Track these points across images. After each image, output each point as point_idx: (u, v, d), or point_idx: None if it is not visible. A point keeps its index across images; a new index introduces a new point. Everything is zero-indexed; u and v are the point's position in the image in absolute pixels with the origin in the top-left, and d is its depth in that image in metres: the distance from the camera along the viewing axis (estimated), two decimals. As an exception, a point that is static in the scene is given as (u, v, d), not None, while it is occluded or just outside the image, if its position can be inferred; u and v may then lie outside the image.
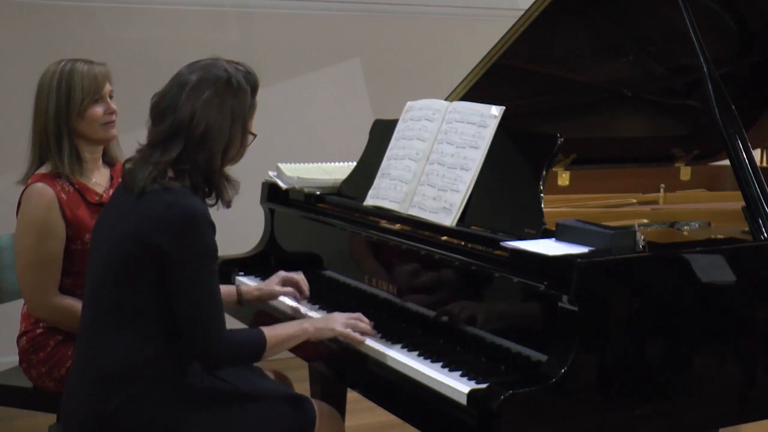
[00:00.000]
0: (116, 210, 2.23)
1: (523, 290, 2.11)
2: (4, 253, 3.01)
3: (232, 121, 2.21)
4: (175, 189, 2.14)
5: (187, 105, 2.18)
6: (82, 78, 2.63)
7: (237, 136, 2.23)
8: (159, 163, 2.17)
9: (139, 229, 2.12)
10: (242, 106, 2.24)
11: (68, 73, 2.63)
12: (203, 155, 2.19)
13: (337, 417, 2.46)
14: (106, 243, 2.19)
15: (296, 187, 2.99)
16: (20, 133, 2.78)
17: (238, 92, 2.23)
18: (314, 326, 2.34)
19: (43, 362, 2.65)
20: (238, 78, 2.24)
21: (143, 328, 2.14)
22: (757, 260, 2.28)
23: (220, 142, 2.20)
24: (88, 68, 2.65)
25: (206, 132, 2.18)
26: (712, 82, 2.49)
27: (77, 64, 2.65)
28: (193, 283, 2.12)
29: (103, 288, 2.18)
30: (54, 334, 2.65)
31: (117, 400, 2.12)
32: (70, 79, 2.62)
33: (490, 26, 3.30)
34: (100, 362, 2.15)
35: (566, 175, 3.31)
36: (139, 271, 2.12)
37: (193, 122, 2.17)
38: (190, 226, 2.12)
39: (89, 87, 2.63)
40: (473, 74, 2.96)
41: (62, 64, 2.65)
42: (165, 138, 2.19)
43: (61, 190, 2.60)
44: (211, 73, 2.22)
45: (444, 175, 2.47)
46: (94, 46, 3.99)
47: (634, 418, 2.08)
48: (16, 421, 3.67)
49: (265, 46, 4.60)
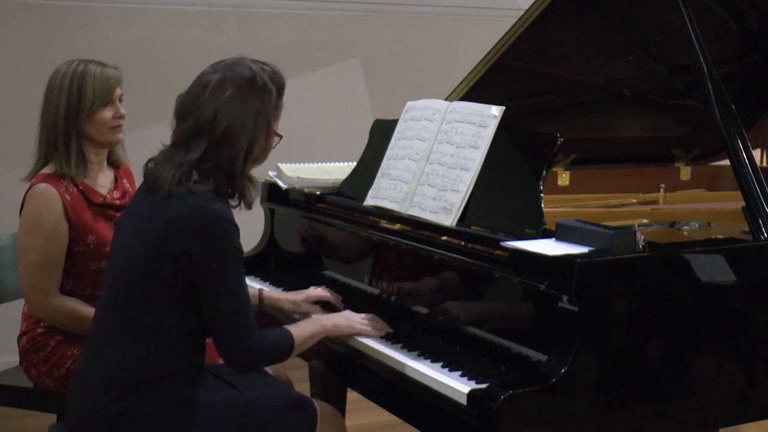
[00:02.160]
0: (139, 212, 2.21)
1: (523, 290, 2.11)
2: (4, 253, 3.01)
3: (255, 120, 2.20)
4: (199, 192, 2.13)
5: (209, 104, 2.17)
6: (94, 80, 2.61)
7: (261, 135, 2.22)
8: (183, 163, 2.16)
9: (164, 236, 2.11)
10: (266, 105, 2.22)
11: (81, 74, 2.61)
12: (226, 154, 2.17)
13: (338, 417, 2.46)
14: (129, 247, 2.18)
15: (296, 187, 2.99)
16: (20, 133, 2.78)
17: (263, 91, 2.21)
18: (333, 323, 2.37)
19: (44, 362, 2.65)
20: (263, 77, 2.22)
21: (158, 335, 2.14)
22: (757, 260, 2.28)
23: (242, 140, 2.19)
24: (100, 71, 2.63)
25: (228, 130, 2.17)
26: (712, 82, 2.49)
27: (90, 66, 2.63)
28: (221, 287, 2.12)
29: (121, 292, 2.17)
30: (54, 334, 2.65)
31: (122, 403, 2.12)
32: (82, 79, 2.60)
33: (490, 26, 3.30)
34: (110, 364, 2.15)
35: (566, 175, 3.31)
36: (162, 280, 2.12)
37: (215, 121, 2.16)
38: (216, 230, 2.11)
39: (101, 90, 2.61)
40: (473, 74, 2.96)
41: (75, 64, 2.63)
42: (188, 137, 2.18)
43: (65, 191, 2.60)
44: (235, 71, 2.21)
45: (444, 175, 2.47)
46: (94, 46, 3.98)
47: (634, 418, 2.08)
48: (16, 421, 3.67)
49: (265, 46, 4.59)
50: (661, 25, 3.02)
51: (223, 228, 2.12)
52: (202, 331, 2.21)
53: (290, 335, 2.24)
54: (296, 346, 2.25)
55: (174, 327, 2.15)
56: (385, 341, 2.35)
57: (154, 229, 2.13)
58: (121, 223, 2.30)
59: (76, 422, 2.19)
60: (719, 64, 2.65)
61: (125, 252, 2.20)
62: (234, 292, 2.14)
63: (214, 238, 2.11)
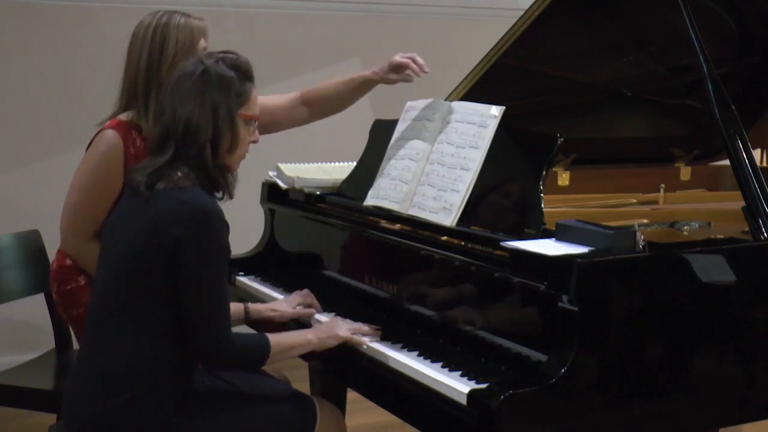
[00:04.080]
0: (127, 213, 2.23)
1: (523, 290, 2.11)
2: (4, 253, 3.01)
3: (213, 111, 2.19)
4: (187, 187, 2.15)
5: (169, 106, 2.21)
6: (178, 30, 2.57)
7: (224, 126, 2.21)
8: (154, 165, 2.18)
9: (153, 226, 2.12)
10: (225, 95, 2.21)
11: (164, 25, 2.57)
12: (192, 150, 2.18)
13: (337, 414, 2.46)
14: (118, 244, 2.19)
15: (296, 187, 2.99)
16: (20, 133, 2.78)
17: (219, 82, 2.21)
18: (317, 337, 2.33)
19: (63, 296, 2.65)
20: (218, 68, 2.22)
21: (151, 329, 2.14)
22: (757, 260, 2.28)
23: (204, 134, 2.18)
24: (185, 21, 2.60)
25: (187, 126, 2.18)
26: (712, 82, 2.49)
27: (174, 16, 2.59)
28: (202, 280, 2.12)
29: (113, 287, 2.18)
30: (78, 274, 2.64)
31: (121, 398, 2.12)
32: (165, 30, 2.57)
33: (490, 26, 3.30)
34: (106, 361, 2.15)
35: (566, 175, 3.31)
36: (152, 272, 2.12)
37: (175, 121, 2.19)
38: (205, 222, 2.12)
39: (184, 41, 2.58)
40: (473, 74, 2.96)
41: (159, 15, 2.60)
42: (158, 142, 2.21)
43: (131, 143, 2.57)
44: (187, 69, 2.23)
45: (444, 175, 2.47)
46: (94, 46, 3.99)
47: (634, 418, 2.08)
48: (16, 421, 3.67)
49: (265, 46, 4.60)
50: (661, 25, 3.02)
51: (212, 222, 2.13)
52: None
53: (267, 342, 2.22)
54: (272, 355, 2.22)
55: (166, 318, 2.14)
56: (385, 341, 2.35)
57: (142, 224, 2.14)
58: (110, 223, 2.31)
59: (76, 421, 2.19)
60: (719, 64, 2.65)
61: (115, 250, 2.20)
62: (213, 287, 2.13)
63: (201, 230, 2.11)
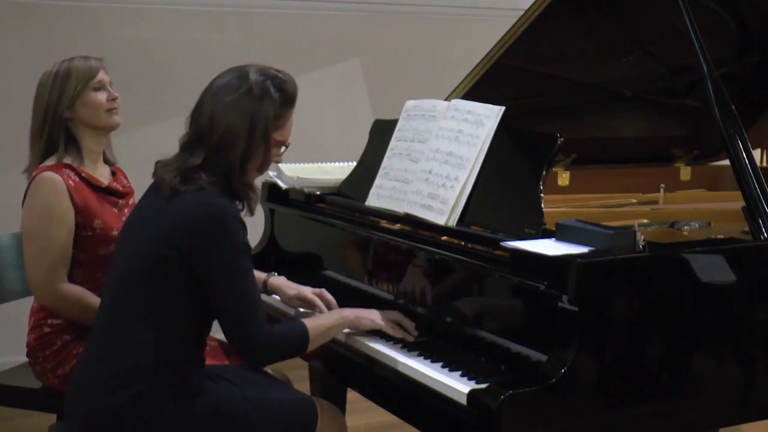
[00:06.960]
0: (147, 209, 2.23)
1: (523, 290, 2.11)
2: (4, 253, 3.00)
3: (251, 128, 2.18)
4: (207, 189, 2.15)
5: (208, 110, 2.19)
6: (78, 67, 2.67)
7: (258, 143, 2.20)
8: (185, 168, 2.17)
9: (171, 230, 2.12)
10: (264, 113, 2.19)
11: (65, 68, 2.67)
12: (222, 161, 2.18)
13: (338, 414, 2.46)
14: (135, 241, 2.20)
15: (296, 187, 2.99)
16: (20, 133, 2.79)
17: (261, 99, 2.19)
18: (354, 314, 2.34)
19: (49, 359, 2.65)
20: (265, 85, 2.21)
21: (161, 329, 2.15)
22: (757, 260, 2.28)
23: (237, 148, 2.18)
24: (84, 61, 2.70)
25: (223, 137, 2.17)
26: (712, 82, 2.49)
27: (74, 60, 2.69)
28: (226, 281, 2.12)
29: (126, 286, 2.18)
30: (62, 333, 2.65)
31: (123, 396, 2.12)
32: (66, 70, 2.66)
33: (490, 26, 3.30)
34: (112, 358, 2.15)
35: (566, 175, 3.31)
36: (168, 274, 2.13)
37: (212, 128, 2.17)
38: (222, 224, 2.12)
39: (84, 74, 2.66)
40: (473, 74, 2.96)
41: (59, 63, 2.70)
42: (191, 143, 2.21)
43: (68, 178, 2.61)
44: (236, 78, 2.21)
45: (443, 174, 2.47)
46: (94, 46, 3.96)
47: (634, 418, 2.08)
48: (16, 421, 3.67)
49: (265, 46, 4.60)
50: (661, 25, 3.02)
51: (227, 222, 2.13)
52: (205, 322, 2.22)
53: (304, 327, 2.23)
54: (311, 339, 2.23)
55: (178, 317, 2.15)
56: (385, 341, 2.35)
57: (161, 223, 2.15)
58: (128, 220, 2.33)
59: (79, 418, 2.19)
60: (719, 64, 2.65)
61: (131, 247, 2.21)
62: (240, 286, 2.14)
63: (219, 232, 2.12)
